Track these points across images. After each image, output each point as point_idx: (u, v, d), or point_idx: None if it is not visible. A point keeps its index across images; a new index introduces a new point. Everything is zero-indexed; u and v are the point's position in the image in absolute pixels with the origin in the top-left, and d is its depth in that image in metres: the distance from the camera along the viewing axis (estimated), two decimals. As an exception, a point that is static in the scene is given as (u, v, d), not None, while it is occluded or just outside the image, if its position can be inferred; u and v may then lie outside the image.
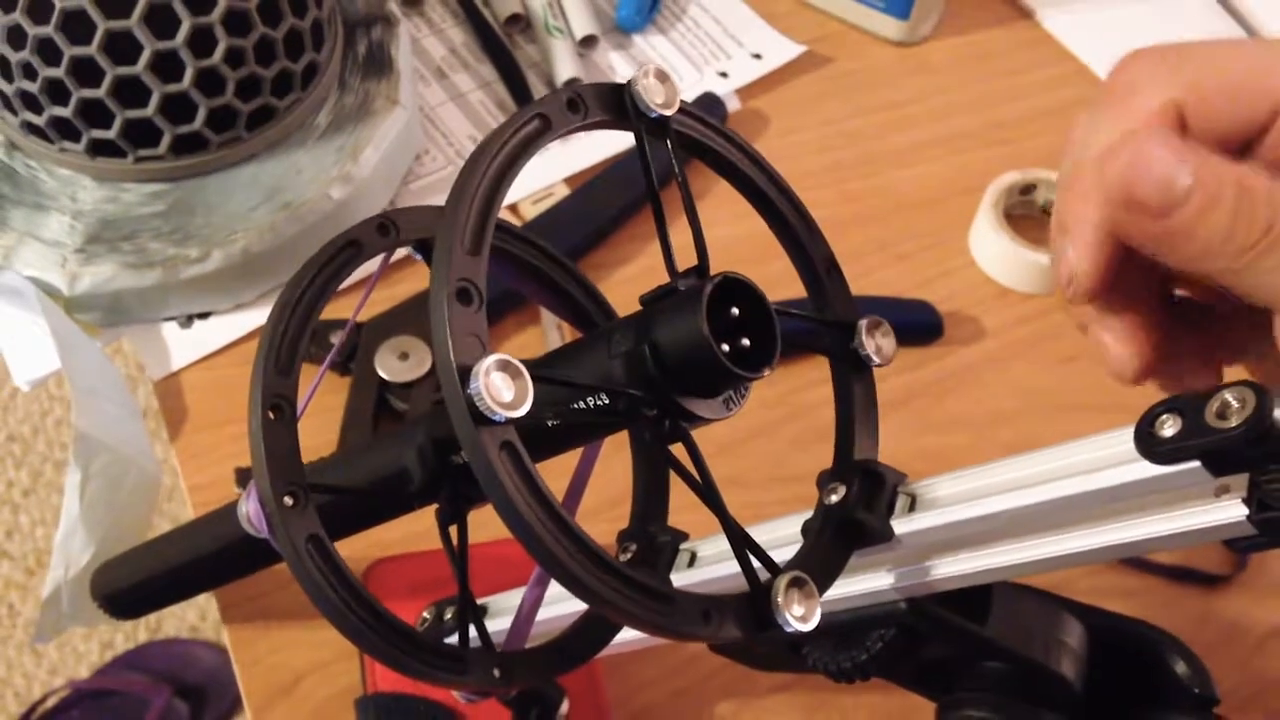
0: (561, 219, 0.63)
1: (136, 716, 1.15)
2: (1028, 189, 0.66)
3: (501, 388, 0.23)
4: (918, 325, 0.62)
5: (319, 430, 0.56)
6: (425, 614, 0.43)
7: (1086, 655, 0.34)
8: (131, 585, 0.48)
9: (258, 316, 0.59)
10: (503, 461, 0.23)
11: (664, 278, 0.29)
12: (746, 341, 0.27)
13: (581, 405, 0.28)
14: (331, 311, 0.34)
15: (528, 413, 0.23)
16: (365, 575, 0.52)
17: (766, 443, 0.57)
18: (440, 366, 0.23)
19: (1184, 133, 0.30)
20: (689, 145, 0.31)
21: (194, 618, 1.26)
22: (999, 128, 0.72)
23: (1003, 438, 0.59)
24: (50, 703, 1.19)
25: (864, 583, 0.33)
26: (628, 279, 0.62)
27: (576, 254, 0.62)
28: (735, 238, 0.49)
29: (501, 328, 0.60)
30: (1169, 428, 0.25)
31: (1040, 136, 0.72)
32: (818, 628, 0.26)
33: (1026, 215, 0.67)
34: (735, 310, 0.27)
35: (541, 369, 0.30)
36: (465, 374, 0.23)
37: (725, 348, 0.26)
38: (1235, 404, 0.24)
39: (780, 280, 0.35)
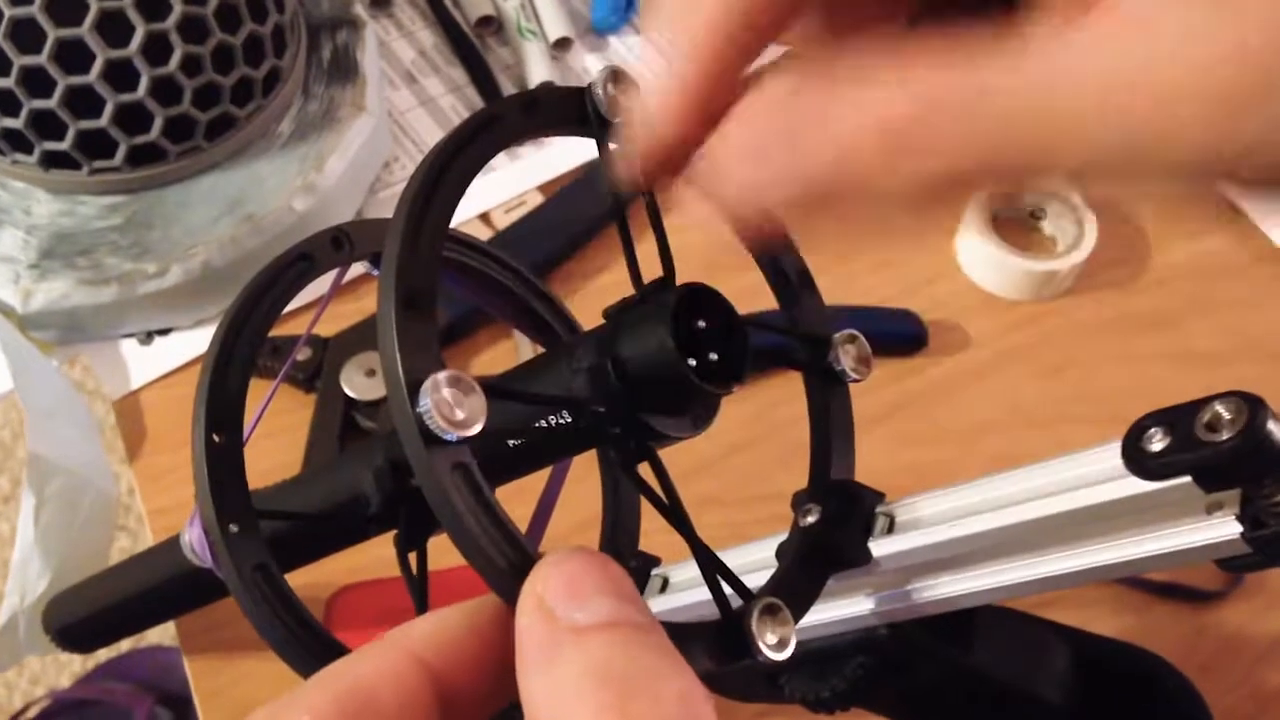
0: (534, 228, 0.62)
1: (119, 725, 1.14)
2: (1015, 194, 0.64)
3: (454, 405, 0.21)
4: (900, 336, 0.60)
5: (284, 450, 0.54)
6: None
7: (1074, 681, 0.34)
8: (84, 618, 0.46)
9: (220, 332, 0.57)
10: (455, 485, 0.21)
11: (648, 256, 0.27)
12: (715, 355, 0.26)
13: (542, 424, 0.27)
14: (293, 328, 0.33)
15: (482, 432, 0.21)
16: (329, 603, 0.50)
17: (745, 460, 0.56)
18: (388, 382, 0.22)
19: None
20: None
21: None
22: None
23: (989, 450, 0.58)
24: (32, 713, 1.18)
25: (842, 608, 0.32)
26: (602, 289, 0.61)
27: (550, 263, 0.61)
28: (706, 246, 0.47)
29: (473, 342, 0.59)
30: (1158, 441, 0.24)
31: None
32: (795, 656, 0.25)
33: (1014, 220, 0.65)
34: (702, 323, 0.26)
35: (499, 385, 0.28)
36: (415, 390, 0.21)
37: (692, 362, 0.25)
38: (1226, 416, 0.23)
39: (755, 292, 0.33)
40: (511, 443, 0.28)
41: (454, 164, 0.25)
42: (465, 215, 0.62)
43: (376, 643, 0.22)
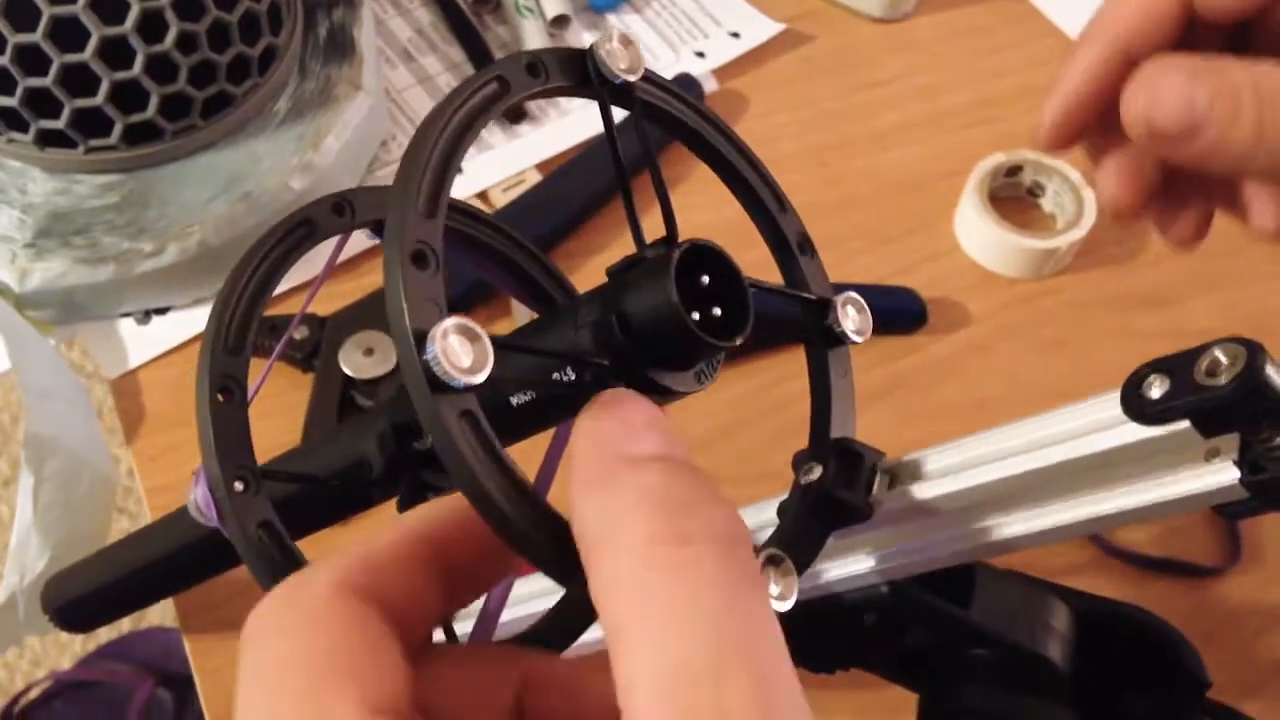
0: (533, 206, 0.62)
1: (120, 707, 1.14)
2: (1013, 170, 0.64)
3: (460, 352, 0.21)
4: (901, 313, 0.60)
5: (283, 429, 0.54)
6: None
7: (1073, 638, 0.34)
8: (83, 596, 0.46)
9: (217, 311, 0.57)
10: (462, 430, 0.22)
11: (652, 224, 0.27)
12: (718, 311, 0.26)
13: (546, 379, 0.27)
14: (288, 308, 0.33)
15: (488, 381, 0.22)
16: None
17: (744, 438, 0.56)
18: (395, 332, 0.22)
19: (1189, 11, 0.32)
20: (655, 116, 0.30)
21: (177, 608, 1.24)
22: (985, 106, 0.70)
23: (989, 426, 0.57)
24: (33, 694, 1.18)
25: (844, 566, 0.32)
26: (600, 266, 0.59)
27: (548, 241, 0.60)
28: (712, 224, 0.47)
29: (473, 318, 0.58)
30: (1156, 388, 0.24)
31: (1028, 115, 0.70)
32: (795, 613, 0.25)
33: (1013, 197, 0.65)
34: (705, 279, 0.26)
35: (505, 338, 0.28)
36: (421, 339, 0.21)
37: (695, 316, 0.25)
38: (1225, 361, 0.23)
39: (759, 268, 0.33)
40: (515, 401, 0.28)
41: (457, 122, 0.25)
42: (464, 193, 0.62)
43: (383, 527, 0.23)
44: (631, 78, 0.28)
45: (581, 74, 0.27)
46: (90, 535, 0.54)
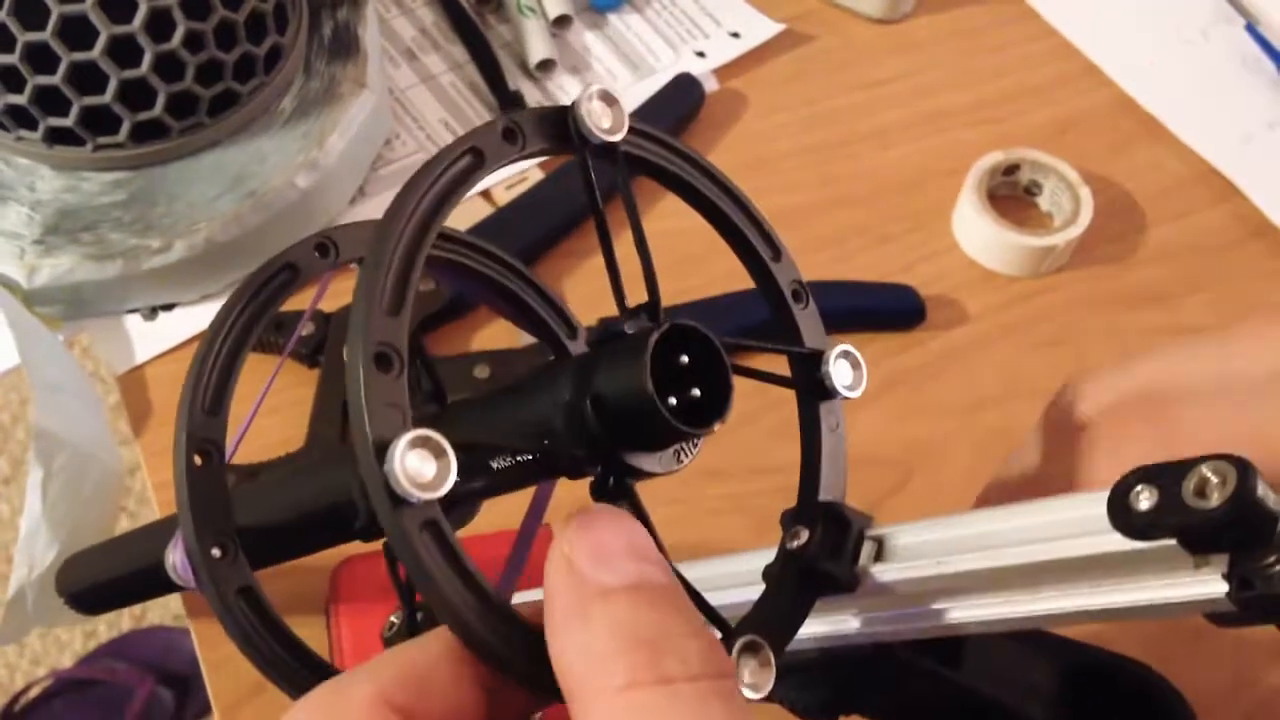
0: (535, 204, 0.62)
1: (120, 706, 1.14)
2: (1011, 169, 0.65)
3: (420, 468, 0.21)
4: (899, 310, 0.61)
5: (288, 425, 0.55)
6: (393, 618, 0.42)
7: (1064, 698, 0.33)
8: (96, 583, 0.47)
9: (223, 308, 0.58)
10: (425, 543, 0.21)
11: (635, 268, 0.27)
12: (697, 391, 0.25)
13: (521, 459, 0.27)
14: (295, 303, 0.33)
15: (452, 489, 0.21)
16: (336, 573, 0.50)
17: (745, 433, 0.56)
18: (356, 441, 0.22)
19: None
20: (642, 167, 0.29)
21: (178, 606, 1.24)
22: (983, 106, 0.71)
23: (986, 424, 0.58)
24: (33, 692, 1.18)
25: (829, 624, 0.32)
26: (599, 267, 0.61)
27: (550, 240, 0.61)
28: (690, 231, 0.47)
29: (474, 318, 0.59)
30: (1145, 500, 0.23)
31: (1025, 115, 0.70)
32: (779, 670, 0.25)
33: (1010, 196, 0.66)
34: (685, 358, 0.25)
35: (471, 427, 0.28)
36: (382, 450, 0.21)
37: (673, 401, 0.24)
38: (1215, 480, 0.22)
39: (734, 274, 0.33)
40: (495, 465, 0.28)
41: (427, 204, 0.24)
42: (467, 193, 0.62)
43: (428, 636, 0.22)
44: (614, 138, 0.27)
45: (561, 133, 0.26)
46: (97, 529, 0.54)
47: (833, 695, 0.32)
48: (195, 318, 0.57)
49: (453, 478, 0.21)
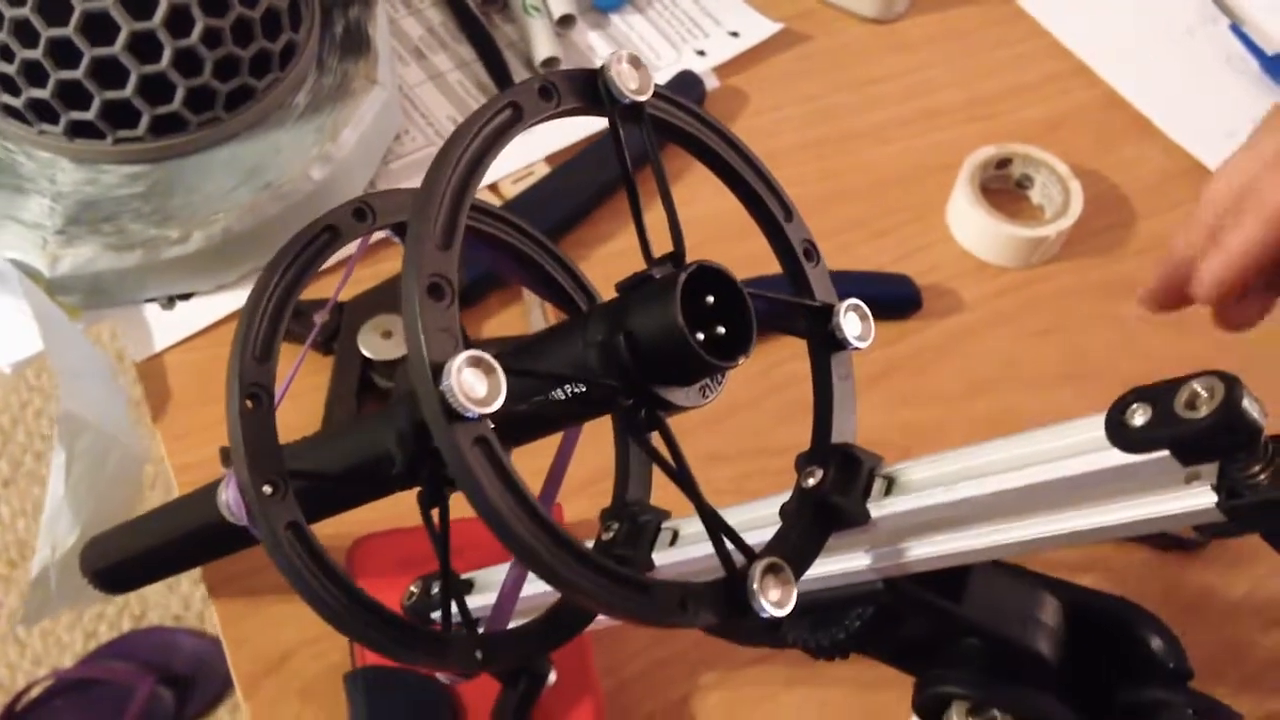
0: (542, 197, 0.64)
1: (120, 705, 1.15)
2: (1003, 163, 0.67)
3: (474, 384, 0.23)
4: (896, 298, 0.62)
5: (303, 410, 0.56)
6: (412, 588, 0.44)
7: (1063, 632, 0.35)
8: (120, 561, 0.48)
9: (240, 297, 0.59)
10: (476, 457, 0.23)
11: (655, 232, 0.29)
12: (722, 329, 0.27)
13: (558, 395, 0.28)
14: (313, 291, 0.34)
15: (501, 407, 0.23)
16: (351, 551, 0.52)
17: (749, 416, 0.58)
18: (413, 363, 0.23)
19: None
20: (665, 130, 0.31)
21: (177, 606, 1.25)
22: (975, 104, 0.72)
23: (981, 409, 0.60)
24: (34, 692, 1.18)
25: (841, 563, 0.33)
26: (609, 256, 0.63)
27: (558, 232, 0.62)
28: (714, 214, 0.49)
29: (485, 306, 0.61)
30: (1139, 417, 0.25)
31: (1016, 112, 0.72)
32: (796, 608, 0.26)
33: (1003, 189, 0.68)
34: (710, 298, 0.27)
35: (516, 359, 0.30)
36: (438, 371, 0.23)
37: (700, 336, 0.26)
38: (1204, 394, 0.24)
39: (759, 257, 0.35)
40: (527, 408, 0.29)
41: (473, 150, 0.26)
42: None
43: None
44: (641, 98, 0.29)
45: (592, 94, 0.28)
46: (118, 512, 0.56)
47: (842, 636, 0.34)
48: (212, 307, 0.59)
49: (503, 394, 0.23)
